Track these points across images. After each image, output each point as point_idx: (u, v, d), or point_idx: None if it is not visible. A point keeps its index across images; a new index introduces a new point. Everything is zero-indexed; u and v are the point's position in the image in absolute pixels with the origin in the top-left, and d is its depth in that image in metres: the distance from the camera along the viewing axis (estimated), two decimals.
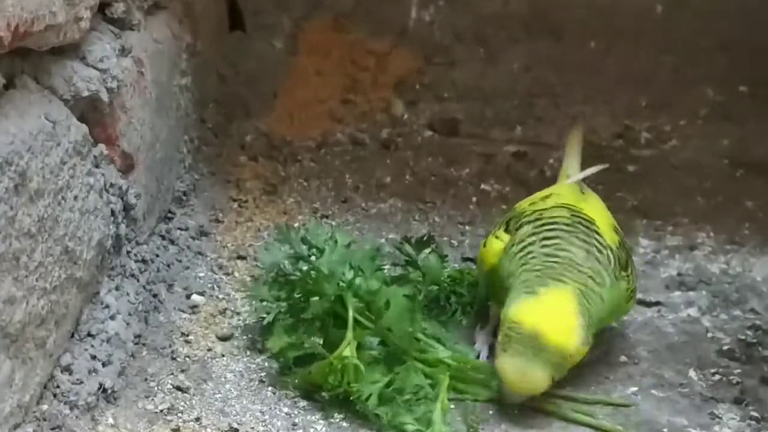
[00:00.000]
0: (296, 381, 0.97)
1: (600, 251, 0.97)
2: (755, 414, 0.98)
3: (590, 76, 1.55)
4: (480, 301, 1.08)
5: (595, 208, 1.05)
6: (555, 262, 0.95)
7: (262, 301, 1.01)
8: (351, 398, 0.93)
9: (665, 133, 1.47)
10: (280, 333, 0.98)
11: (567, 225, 0.98)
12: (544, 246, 0.96)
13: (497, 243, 1.01)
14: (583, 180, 1.14)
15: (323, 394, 0.95)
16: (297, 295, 1.00)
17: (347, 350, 0.95)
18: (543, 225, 0.98)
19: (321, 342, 0.97)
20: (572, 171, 1.17)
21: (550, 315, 0.91)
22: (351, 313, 0.97)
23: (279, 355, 0.98)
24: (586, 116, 1.50)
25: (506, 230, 1.01)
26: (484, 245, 1.03)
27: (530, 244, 0.97)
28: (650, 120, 1.48)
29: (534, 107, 1.51)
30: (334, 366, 0.94)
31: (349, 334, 0.96)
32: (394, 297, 0.98)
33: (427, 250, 1.08)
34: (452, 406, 0.94)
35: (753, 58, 1.52)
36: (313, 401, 0.96)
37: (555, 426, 0.95)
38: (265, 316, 1.01)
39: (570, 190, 1.09)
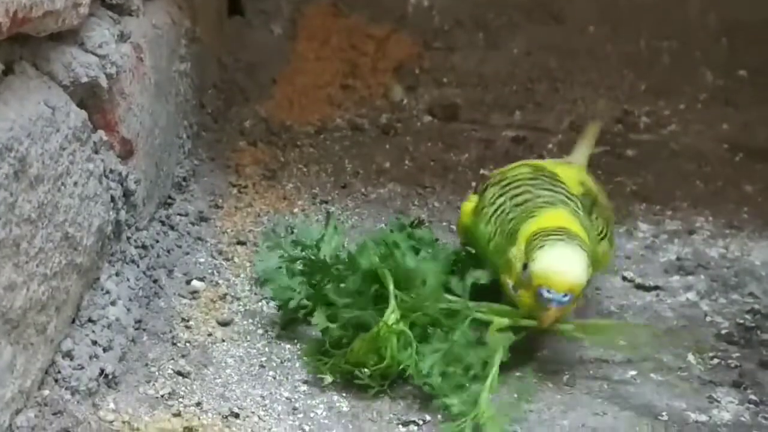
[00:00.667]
0: (331, 363, 0.95)
1: (569, 199, 1.00)
2: (754, 397, 0.98)
3: (590, 61, 1.55)
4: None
5: (558, 166, 1.08)
6: (538, 201, 0.98)
7: (282, 289, 1.01)
8: (402, 369, 0.92)
9: (665, 117, 1.47)
10: (322, 311, 0.98)
11: (530, 179, 1.02)
12: (514, 198, 1.00)
13: (467, 204, 1.06)
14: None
15: (363, 371, 0.94)
16: (320, 279, 1.00)
17: (392, 317, 0.94)
18: (508, 183, 1.02)
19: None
20: (577, 156, 1.20)
21: (562, 218, 0.96)
22: (391, 286, 0.96)
23: (324, 332, 0.97)
24: (585, 101, 1.50)
25: (475, 192, 1.07)
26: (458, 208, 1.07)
27: (501, 204, 1.00)
28: (650, 105, 1.49)
29: (534, 92, 1.51)
30: (381, 336, 0.93)
31: (392, 302, 0.95)
32: (431, 274, 0.98)
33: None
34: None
35: (753, 43, 1.53)
36: (313, 385, 0.96)
37: (596, 403, 0.95)
38: (282, 303, 1.01)
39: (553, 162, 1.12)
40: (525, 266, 0.93)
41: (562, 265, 0.91)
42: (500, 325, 0.96)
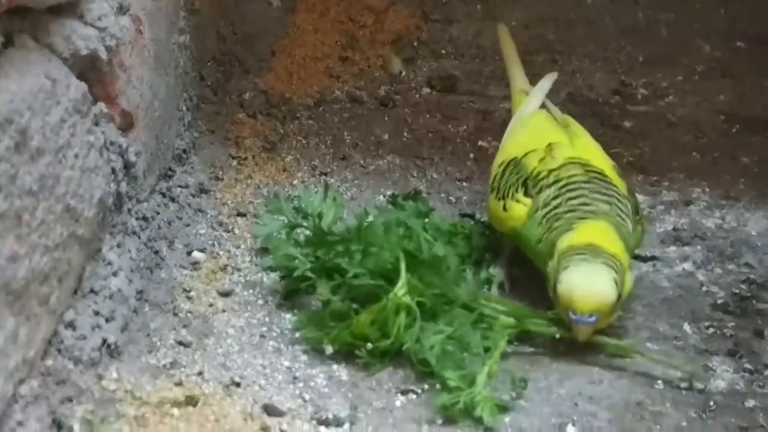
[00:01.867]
0: (333, 335, 0.96)
1: (620, 201, 1.01)
2: (749, 366, 0.99)
3: (588, 32, 1.55)
4: (481, 251, 1.10)
5: (593, 154, 1.08)
6: (584, 209, 0.99)
7: (284, 257, 1.02)
8: (404, 347, 0.94)
9: (662, 89, 1.47)
10: (326, 283, 0.99)
11: (585, 182, 1.01)
12: (569, 202, 1.00)
13: (519, 207, 1.03)
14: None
15: (367, 347, 0.95)
16: (326, 252, 1.01)
17: (402, 290, 0.95)
18: (564, 186, 1.01)
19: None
20: (520, 83, 1.20)
21: (598, 233, 0.96)
22: (403, 264, 0.97)
23: (326, 304, 0.98)
24: (583, 72, 1.50)
25: (526, 194, 1.03)
26: (504, 209, 1.04)
27: (556, 207, 1.00)
28: (647, 76, 1.49)
29: (532, 64, 1.51)
30: (388, 307, 0.94)
31: (403, 275, 0.96)
32: (453, 262, 1.00)
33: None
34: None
35: (751, 13, 1.52)
36: (313, 355, 0.97)
37: (592, 372, 0.96)
38: (284, 272, 1.02)
39: (553, 125, 1.11)
40: (555, 287, 0.95)
41: (584, 288, 0.92)
42: (506, 325, 0.97)
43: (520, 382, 0.92)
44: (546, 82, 1.16)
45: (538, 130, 1.10)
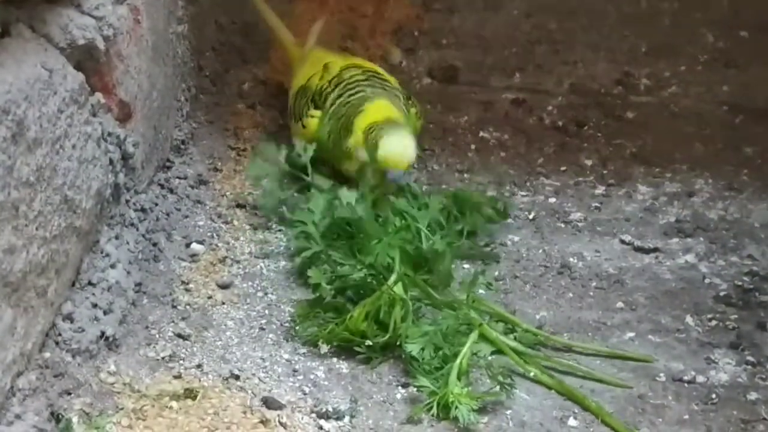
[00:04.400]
0: (327, 332, 0.96)
1: (394, 89, 1.19)
2: (751, 358, 0.99)
3: (590, 22, 1.54)
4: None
5: (364, 61, 1.27)
6: (367, 93, 1.16)
7: (304, 236, 1.04)
8: (398, 343, 0.94)
9: (665, 79, 1.46)
10: (319, 269, 0.99)
11: (363, 80, 1.18)
12: (350, 97, 1.16)
13: (313, 120, 1.18)
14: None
15: (366, 344, 0.94)
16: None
17: (395, 283, 0.95)
18: (345, 86, 1.18)
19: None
20: (291, 39, 1.34)
21: (386, 109, 1.14)
22: (397, 257, 0.99)
23: (315, 288, 0.99)
24: (585, 63, 1.50)
25: (316, 107, 1.19)
26: (303, 126, 1.19)
27: (341, 105, 1.16)
28: (650, 66, 1.48)
29: (533, 54, 1.50)
30: (381, 301, 0.94)
31: (397, 268, 0.97)
32: (447, 258, 1.02)
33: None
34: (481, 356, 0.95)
35: (754, 3, 1.51)
36: (313, 348, 0.96)
37: (594, 364, 0.96)
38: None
39: (327, 53, 1.28)
40: (371, 154, 1.10)
41: (401, 149, 1.09)
42: (486, 335, 0.97)
43: (506, 378, 0.91)
44: (317, 25, 1.34)
45: (316, 59, 1.26)
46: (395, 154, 1.09)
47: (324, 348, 0.95)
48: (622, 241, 1.16)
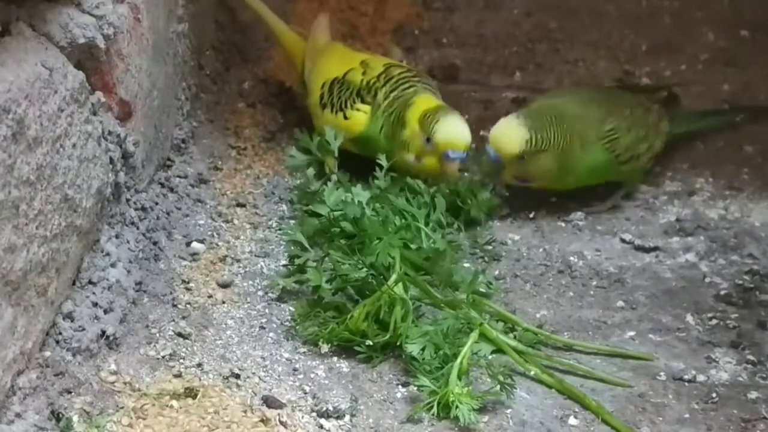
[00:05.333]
0: (328, 331, 0.95)
1: (435, 91, 1.23)
2: (751, 357, 0.99)
3: (591, 21, 1.54)
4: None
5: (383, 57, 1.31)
6: (416, 88, 1.20)
7: (297, 246, 1.04)
8: (398, 343, 0.94)
9: (665, 78, 1.46)
10: (319, 271, 0.99)
11: (413, 76, 1.22)
12: (403, 91, 1.20)
13: (360, 114, 1.21)
14: None
15: (367, 343, 0.94)
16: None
17: (396, 283, 0.96)
18: (397, 81, 1.21)
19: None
20: (286, 27, 1.36)
21: (431, 99, 1.19)
22: (398, 256, 0.99)
23: (315, 290, 0.99)
24: (585, 61, 1.49)
25: (363, 102, 1.21)
26: (345, 117, 1.21)
27: (394, 99, 1.19)
28: (651, 65, 1.48)
29: (534, 53, 1.50)
30: (381, 301, 0.94)
31: (398, 268, 0.97)
32: (448, 258, 1.03)
33: None
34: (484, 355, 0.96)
35: (755, 2, 1.51)
36: (313, 347, 0.96)
37: (594, 363, 0.96)
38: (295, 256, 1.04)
39: (350, 50, 1.31)
40: (428, 139, 1.14)
41: (459, 130, 1.14)
42: (486, 334, 0.97)
43: (507, 378, 0.91)
44: (323, 20, 1.34)
45: (341, 54, 1.28)
46: (453, 136, 1.13)
47: (324, 348, 0.95)
48: (623, 240, 1.16)
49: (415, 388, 0.92)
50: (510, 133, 1.14)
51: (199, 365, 0.93)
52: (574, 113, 1.17)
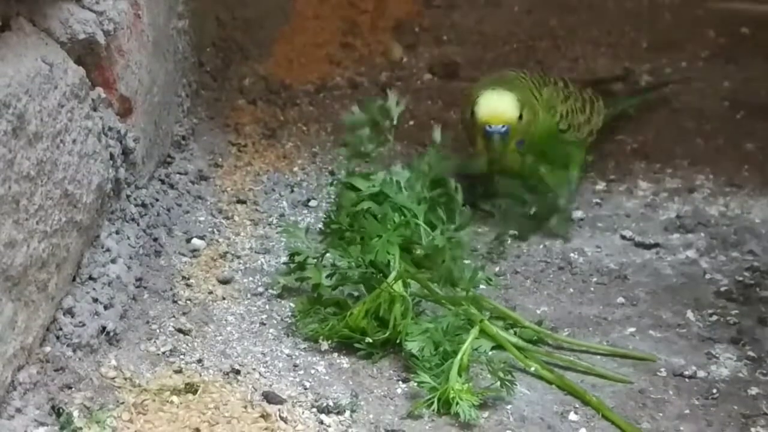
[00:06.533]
0: (328, 328, 0.96)
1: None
2: (752, 354, 0.99)
3: (591, 18, 1.54)
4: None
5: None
6: None
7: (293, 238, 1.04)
8: (398, 340, 0.93)
9: (666, 75, 1.46)
10: (318, 268, 0.99)
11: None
12: None
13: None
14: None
15: (366, 341, 0.94)
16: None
17: (395, 281, 0.95)
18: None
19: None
20: None
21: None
22: (397, 253, 0.98)
23: (315, 287, 0.98)
24: (586, 58, 1.49)
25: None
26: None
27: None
28: (651, 62, 1.47)
29: (534, 50, 1.50)
30: (381, 296, 0.94)
31: (397, 265, 0.97)
32: (448, 255, 1.01)
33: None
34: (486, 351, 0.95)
35: None
36: (313, 343, 0.96)
37: (595, 359, 0.96)
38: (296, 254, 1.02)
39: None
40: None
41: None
42: (487, 331, 0.97)
43: (507, 374, 0.91)
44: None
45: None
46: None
47: (324, 345, 0.95)
48: (623, 237, 1.16)
49: (416, 384, 0.92)
50: (503, 102, 1.14)
51: (200, 361, 0.93)
52: (524, 81, 1.19)
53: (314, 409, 0.89)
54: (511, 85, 1.16)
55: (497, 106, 1.13)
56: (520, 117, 1.13)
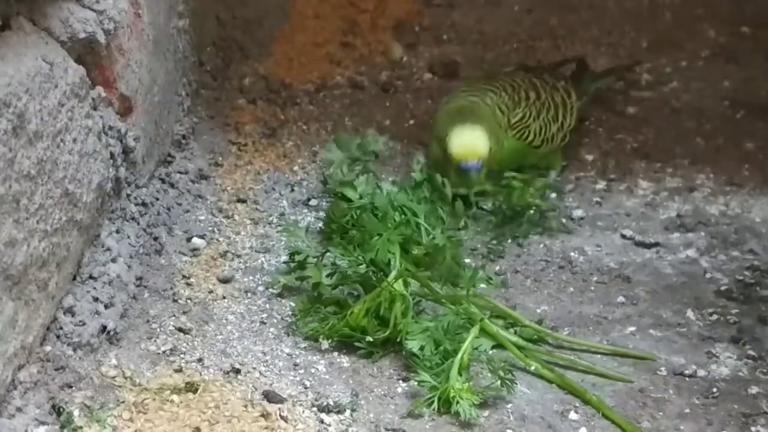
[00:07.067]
0: (328, 327, 0.96)
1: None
2: (752, 353, 0.99)
3: (591, 17, 1.54)
4: None
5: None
6: None
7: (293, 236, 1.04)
8: (398, 339, 0.93)
9: (666, 74, 1.46)
10: (319, 268, 0.99)
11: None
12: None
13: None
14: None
15: (367, 339, 0.94)
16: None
17: (395, 279, 0.95)
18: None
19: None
20: None
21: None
22: (397, 251, 0.99)
23: (315, 286, 0.99)
24: (587, 58, 1.49)
25: None
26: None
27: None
28: (651, 61, 1.48)
29: (534, 50, 1.50)
30: (382, 295, 0.94)
31: (397, 264, 0.97)
32: (449, 254, 1.03)
33: None
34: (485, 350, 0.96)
35: None
36: (314, 342, 0.96)
37: (595, 358, 0.96)
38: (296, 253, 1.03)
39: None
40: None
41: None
42: (487, 330, 0.97)
43: (507, 373, 0.91)
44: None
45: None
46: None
47: (325, 344, 0.95)
48: (623, 236, 1.16)
49: (416, 383, 0.92)
50: (474, 139, 1.14)
51: (200, 360, 0.93)
52: (489, 107, 1.20)
53: (314, 408, 0.89)
54: (475, 116, 1.16)
55: (470, 142, 1.13)
56: (489, 149, 1.14)
